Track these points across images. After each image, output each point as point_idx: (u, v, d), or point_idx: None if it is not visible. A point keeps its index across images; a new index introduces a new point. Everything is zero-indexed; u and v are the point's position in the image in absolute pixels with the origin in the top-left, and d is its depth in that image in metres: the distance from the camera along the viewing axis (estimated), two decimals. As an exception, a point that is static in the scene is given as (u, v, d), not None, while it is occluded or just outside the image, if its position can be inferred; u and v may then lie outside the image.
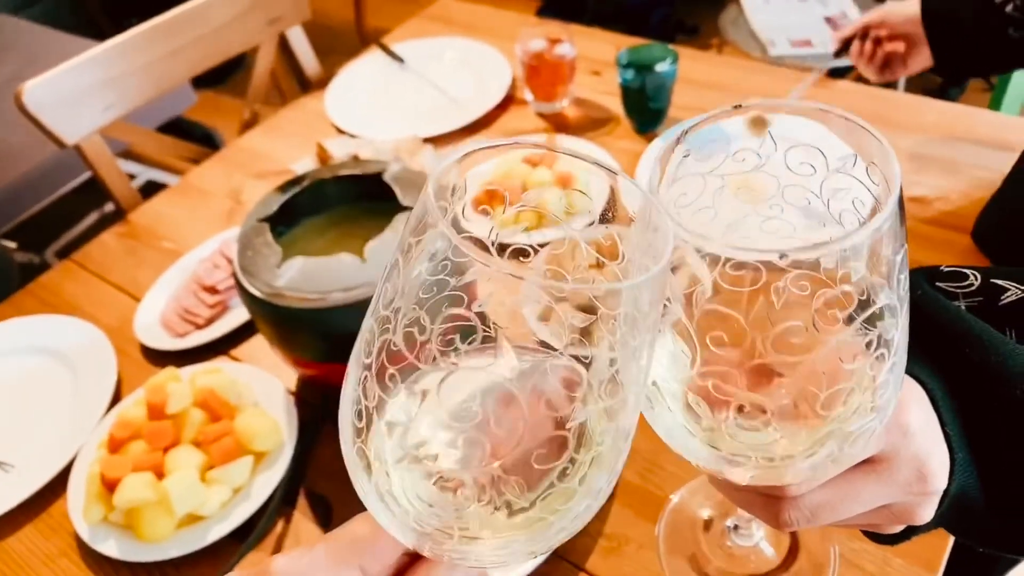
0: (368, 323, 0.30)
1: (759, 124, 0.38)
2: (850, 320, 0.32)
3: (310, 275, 0.68)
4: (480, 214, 1.00)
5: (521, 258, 0.39)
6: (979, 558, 0.72)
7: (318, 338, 0.70)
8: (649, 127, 1.08)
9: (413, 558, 0.33)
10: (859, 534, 0.62)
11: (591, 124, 1.12)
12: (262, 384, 0.79)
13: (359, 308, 0.67)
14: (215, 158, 1.20)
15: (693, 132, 0.36)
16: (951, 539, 0.62)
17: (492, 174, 1.15)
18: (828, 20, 1.84)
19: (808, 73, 1.14)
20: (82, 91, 1.10)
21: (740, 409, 0.34)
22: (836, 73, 1.22)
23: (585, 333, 0.29)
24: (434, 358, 0.28)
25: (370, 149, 1.04)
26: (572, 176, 0.94)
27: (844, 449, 0.35)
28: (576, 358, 0.30)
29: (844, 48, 1.10)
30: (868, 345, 0.32)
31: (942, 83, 2.31)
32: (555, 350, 0.31)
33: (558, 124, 1.13)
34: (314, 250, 0.75)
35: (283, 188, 0.78)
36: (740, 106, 0.36)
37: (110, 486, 0.69)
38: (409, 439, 0.30)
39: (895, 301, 0.32)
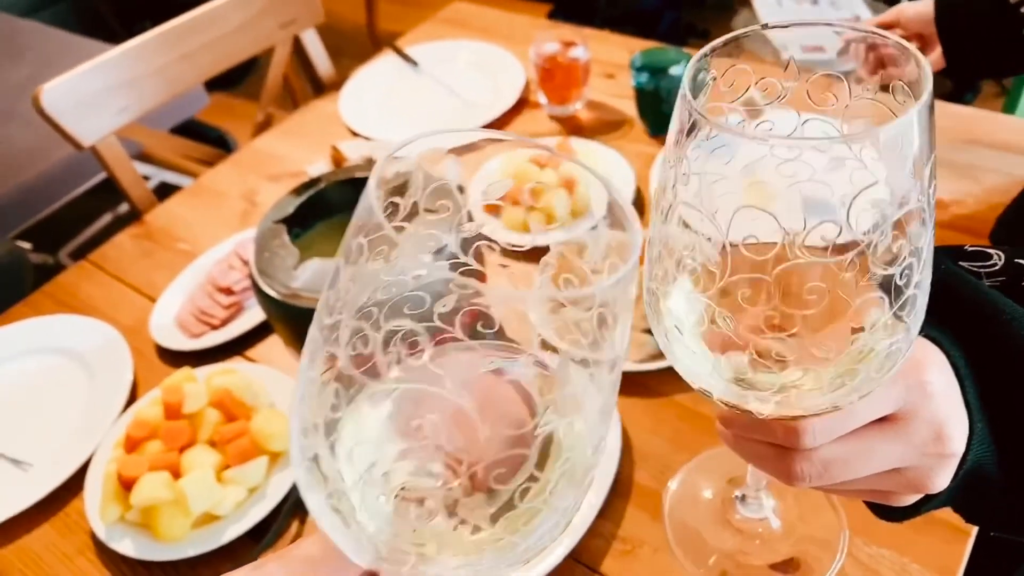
0: (312, 332, 0.28)
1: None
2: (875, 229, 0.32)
3: (326, 276, 0.68)
4: (489, 214, 1.00)
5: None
6: (997, 564, 0.72)
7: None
8: (663, 130, 1.08)
9: None
10: (877, 538, 0.62)
11: (605, 127, 1.12)
12: (277, 385, 0.80)
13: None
14: (229, 160, 1.20)
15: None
16: (969, 544, 0.61)
17: (499, 174, 1.16)
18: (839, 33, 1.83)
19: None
20: (98, 93, 1.11)
21: (761, 348, 0.35)
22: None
23: (547, 339, 0.27)
24: (382, 370, 0.27)
25: (385, 151, 1.04)
26: (576, 178, 0.94)
27: (870, 375, 0.35)
28: (541, 364, 0.29)
29: (847, 48, 1.09)
30: (897, 252, 0.32)
31: (956, 87, 2.30)
32: (519, 354, 0.30)
33: (572, 127, 1.13)
34: (330, 252, 0.75)
35: (299, 190, 0.79)
36: (767, 25, 0.36)
37: (127, 485, 0.69)
38: (359, 457, 0.29)
39: (925, 206, 0.32)
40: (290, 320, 0.70)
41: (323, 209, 0.78)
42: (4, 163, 2.00)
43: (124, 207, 2.34)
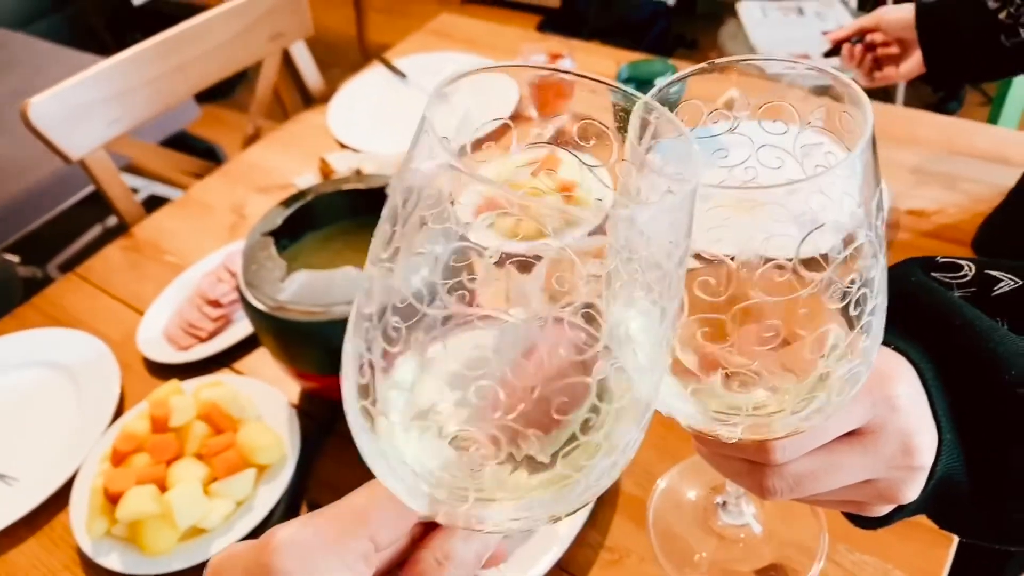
0: (369, 270, 0.28)
1: (729, 104, 0.38)
2: (826, 261, 0.32)
3: (313, 289, 0.68)
4: (481, 221, 1.00)
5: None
6: (980, 569, 0.72)
7: (321, 351, 0.71)
8: (649, 141, 1.09)
9: (427, 527, 0.30)
10: (859, 545, 0.62)
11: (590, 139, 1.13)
12: (265, 397, 0.80)
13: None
14: (218, 172, 1.21)
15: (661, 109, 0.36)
16: (951, 549, 0.62)
17: (494, 179, 1.16)
18: (826, 35, 1.85)
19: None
20: (87, 106, 1.11)
21: (727, 375, 0.35)
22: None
23: (595, 287, 0.26)
24: (440, 307, 0.26)
25: (373, 163, 1.05)
26: (573, 183, 0.95)
27: (832, 399, 0.35)
28: (588, 315, 0.27)
29: (835, 50, 1.10)
30: (848, 285, 0.33)
31: (941, 97, 2.33)
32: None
33: (561, 138, 1.14)
34: (318, 263, 0.76)
35: (287, 202, 0.79)
36: (713, 63, 0.37)
37: (113, 499, 0.69)
38: (417, 395, 0.28)
39: (874, 239, 0.32)
40: (278, 333, 0.70)
41: (311, 221, 0.79)
42: (-6, 177, 2.00)
43: (113, 220, 2.34)
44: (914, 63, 0.99)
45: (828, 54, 1.12)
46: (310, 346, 0.71)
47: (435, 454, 0.28)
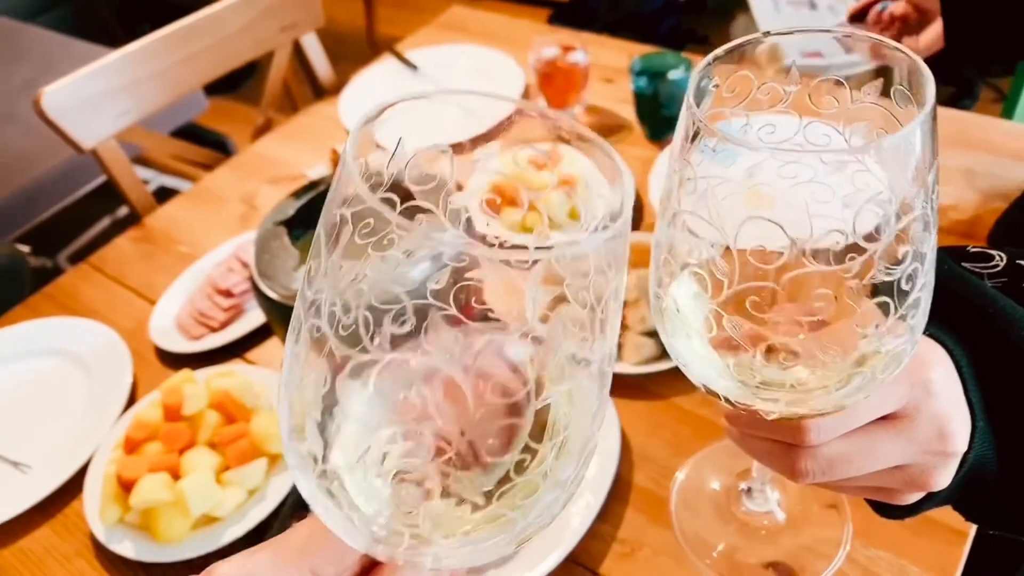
0: (297, 308, 0.28)
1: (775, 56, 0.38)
2: (876, 234, 0.32)
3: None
4: (487, 214, 1.00)
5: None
6: (995, 566, 0.72)
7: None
8: (661, 134, 1.08)
9: (372, 561, 0.30)
10: (875, 540, 0.62)
11: (604, 131, 1.12)
12: (277, 386, 0.80)
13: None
14: (229, 163, 1.21)
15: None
16: (967, 546, 0.62)
17: (500, 174, 1.16)
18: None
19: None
20: (99, 97, 1.12)
21: (768, 350, 0.35)
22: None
23: (543, 308, 0.26)
24: (370, 346, 0.26)
25: (384, 155, 1.04)
26: (576, 178, 0.94)
27: (876, 376, 0.35)
28: (530, 336, 0.27)
29: (860, 16, 1.07)
30: (901, 257, 0.32)
31: (953, 94, 2.31)
32: (505, 330, 0.28)
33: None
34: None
35: (299, 193, 0.79)
36: (768, 33, 0.37)
37: (126, 487, 0.69)
38: (352, 436, 0.28)
39: (928, 212, 0.32)
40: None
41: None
42: (3, 166, 2.00)
43: (123, 211, 2.35)
44: (934, 35, 0.97)
45: (853, 19, 1.09)
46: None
47: (371, 494, 0.28)
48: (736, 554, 0.61)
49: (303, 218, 0.76)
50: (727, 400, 0.38)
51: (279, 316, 0.70)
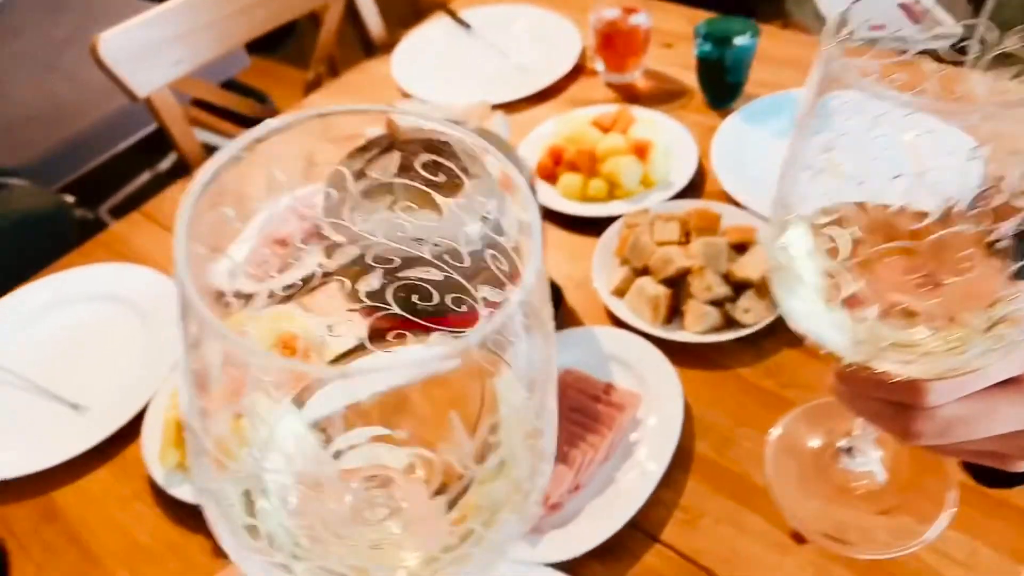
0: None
1: None
2: None
3: (392, 228, 0.67)
4: (544, 182, 0.99)
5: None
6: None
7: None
8: (724, 102, 1.05)
9: None
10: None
11: (663, 96, 1.10)
12: (335, 338, 0.79)
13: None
14: (281, 119, 1.20)
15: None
16: (1044, 531, 0.60)
17: (554, 136, 1.13)
18: (902, 6, 1.78)
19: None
20: (154, 44, 1.11)
21: (896, 311, 0.34)
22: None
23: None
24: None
25: (439, 114, 1.03)
26: (650, 144, 0.92)
27: (1011, 338, 0.34)
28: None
29: None
30: None
31: None
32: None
33: (629, 95, 1.11)
34: (395, 205, 0.75)
35: (363, 148, 0.78)
36: None
37: (187, 432, 0.69)
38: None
39: None
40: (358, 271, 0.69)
41: (386, 165, 0.77)
42: (47, 117, 2.01)
43: (164, 164, 2.36)
44: None
45: None
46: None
47: None
48: (832, 512, 0.60)
49: (366, 172, 0.75)
50: (848, 362, 0.37)
51: (348, 266, 0.69)
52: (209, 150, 1.69)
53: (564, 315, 0.82)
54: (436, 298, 0.36)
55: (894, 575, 0.58)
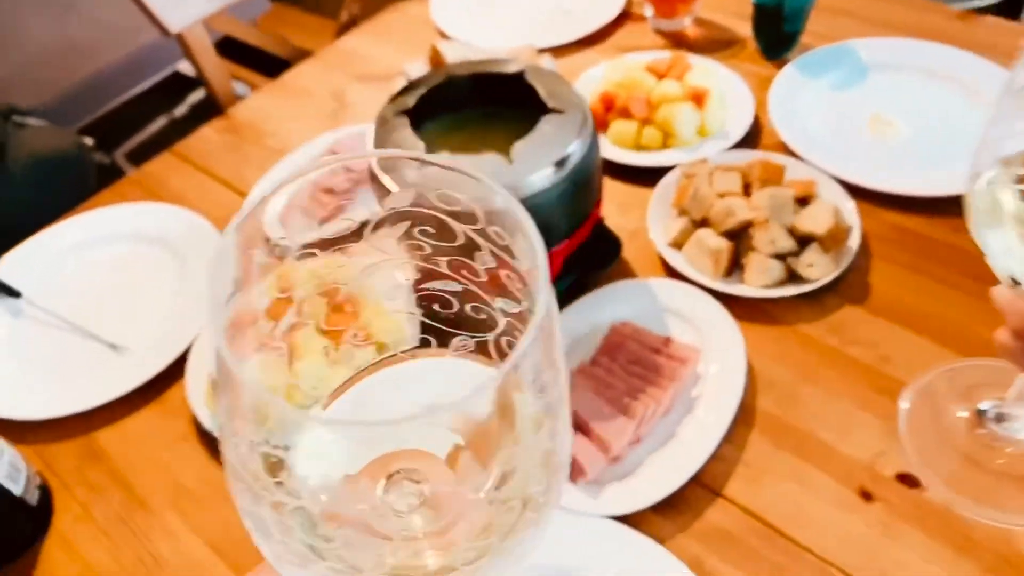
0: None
1: None
2: None
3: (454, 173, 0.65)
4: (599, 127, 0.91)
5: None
6: None
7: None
8: (779, 52, 1.01)
9: None
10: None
11: (714, 45, 1.06)
12: (384, 282, 0.77)
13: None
14: (314, 59, 1.16)
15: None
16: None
17: (605, 82, 1.09)
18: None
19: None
20: (186, -23, 1.07)
21: None
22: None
23: None
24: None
25: (483, 55, 0.99)
26: (707, 92, 0.89)
27: None
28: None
29: None
30: None
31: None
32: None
33: (678, 43, 1.07)
34: (455, 148, 0.72)
35: (413, 86, 0.74)
36: None
37: (236, 374, 0.68)
38: None
39: None
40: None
41: (442, 105, 0.74)
42: (63, 57, 1.97)
43: (180, 110, 2.32)
44: None
45: None
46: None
47: None
48: (975, 479, 0.58)
49: (424, 110, 0.72)
50: None
51: (401, 211, 0.67)
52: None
53: (616, 267, 0.79)
54: (456, 306, 0.37)
55: (972, 539, 0.57)
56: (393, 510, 0.32)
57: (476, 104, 0.75)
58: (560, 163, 0.65)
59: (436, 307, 0.39)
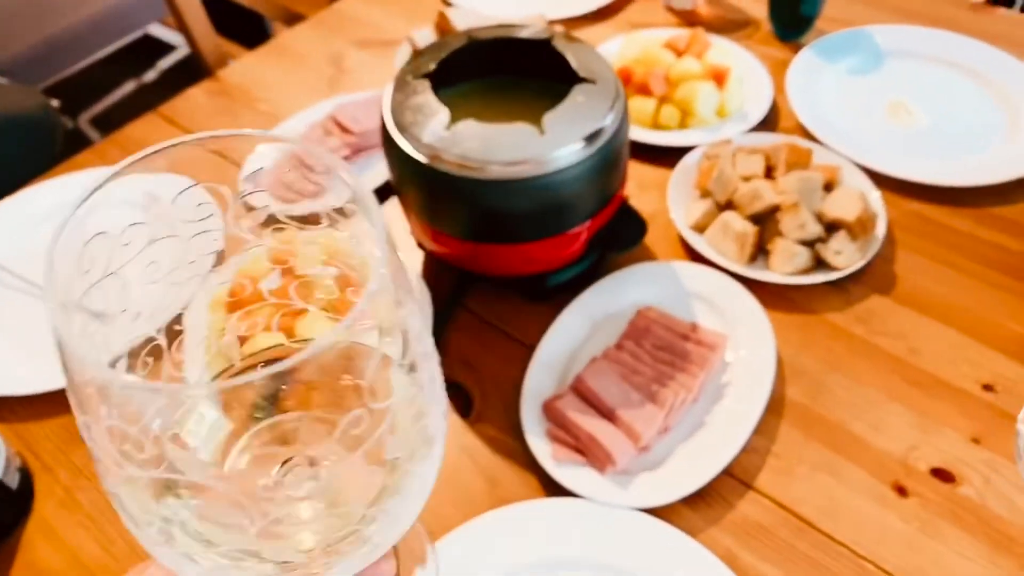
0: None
1: None
2: None
3: (485, 142, 0.61)
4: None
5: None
6: None
7: (471, 211, 0.64)
8: (794, 35, 0.99)
9: None
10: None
11: (727, 25, 1.03)
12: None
13: (532, 183, 0.60)
14: (310, 22, 1.10)
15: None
16: None
17: (621, 58, 1.05)
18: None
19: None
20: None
21: None
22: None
23: None
24: None
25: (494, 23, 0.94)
26: (728, 71, 0.86)
27: None
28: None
29: None
30: None
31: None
32: None
33: (690, 22, 1.04)
34: (478, 115, 0.68)
35: (435, 48, 0.70)
36: None
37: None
38: None
39: None
40: (431, 185, 0.63)
41: (462, 70, 0.70)
42: (31, 13, 1.86)
43: (150, 75, 2.21)
44: None
45: None
46: (462, 204, 0.64)
47: None
48: None
49: (443, 74, 0.68)
50: None
51: (417, 179, 0.63)
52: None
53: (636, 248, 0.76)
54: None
55: (1009, 536, 0.56)
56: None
57: (498, 71, 0.71)
58: (591, 137, 0.61)
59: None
